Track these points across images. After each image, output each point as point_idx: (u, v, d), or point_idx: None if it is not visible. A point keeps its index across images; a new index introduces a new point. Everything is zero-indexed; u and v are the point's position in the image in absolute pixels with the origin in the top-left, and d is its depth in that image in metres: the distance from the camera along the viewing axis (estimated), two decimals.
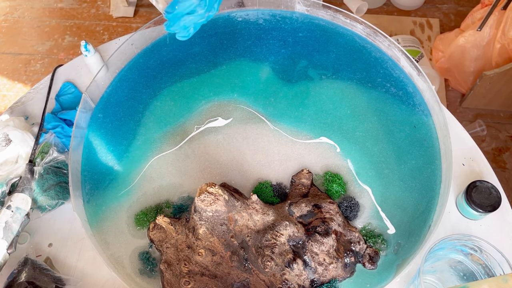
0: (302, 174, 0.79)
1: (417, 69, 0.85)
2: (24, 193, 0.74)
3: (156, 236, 0.73)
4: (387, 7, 1.95)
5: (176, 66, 0.91)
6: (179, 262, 0.69)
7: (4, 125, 0.82)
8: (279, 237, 0.69)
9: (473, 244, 0.65)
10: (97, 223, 0.77)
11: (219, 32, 0.94)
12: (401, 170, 0.79)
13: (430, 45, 1.81)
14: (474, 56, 1.55)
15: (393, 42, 0.88)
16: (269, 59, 0.91)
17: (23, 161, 0.79)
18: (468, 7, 1.92)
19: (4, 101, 1.81)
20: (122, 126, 0.85)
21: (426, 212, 0.75)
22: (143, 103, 0.88)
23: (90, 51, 0.89)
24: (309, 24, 0.95)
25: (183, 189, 0.79)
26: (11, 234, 0.71)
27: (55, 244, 0.78)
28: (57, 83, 0.95)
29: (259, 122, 0.85)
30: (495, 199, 0.74)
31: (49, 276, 0.72)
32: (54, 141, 0.82)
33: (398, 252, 0.72)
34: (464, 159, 0.83)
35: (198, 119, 0.85)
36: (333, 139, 0.82)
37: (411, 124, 0.83)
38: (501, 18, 1.44)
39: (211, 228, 0.69)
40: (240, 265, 0.69)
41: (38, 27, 2.00)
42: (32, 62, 1.90)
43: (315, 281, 0.69)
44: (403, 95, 0.86)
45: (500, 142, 1.63)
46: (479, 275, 0.68)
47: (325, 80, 0.88)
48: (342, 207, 0.75)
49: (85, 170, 0.81)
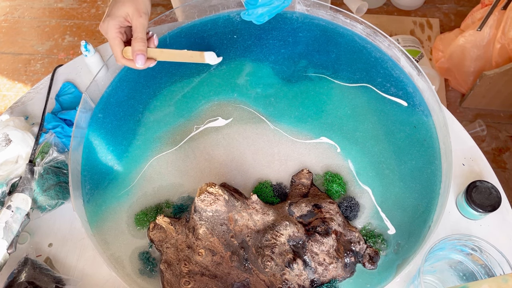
0: (302, 174, 0.79)
1: (417, 69, 0.85)
2: (24, 193, 0.74)
3: (156, 236, 0.73)
4: (387, 7, 1.95)
5: (176, 66, 0.91)
6: (179, 262, 0.69)
7: (4, 125, 0.82)
8: (279, 237, 0.69)
9: (473, 244, 0.65)
10: (97, 223, 0.77)
11: (219, 32, 0.94)
12: (401, 170, 0.79)
13: (430, 45, 1.81)
14: (474, 56, 1.55)
15: (393, 42, 0.88)
16: (269, 59, 0.91)
17: (23, 161, 0.79)
18: (468, 7, 1.92)
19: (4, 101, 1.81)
20: (122, 126, 0.85)
21: (426, 212, 0.75)
22: (143, 103, 0.88)
23: (90, 51, 0.89)
24: (309, 24, 0.95)
25: (183, 189, 0.79)
26: (11, 234, 0.71)
27: (55, 244, 0.78)
28: (57, 83, 0.95)
29: (259, 122, 0.85)
30: (495, 199, 0.74)
31: (49, 276, 0.72)
32: (54, 141, 0.82)
33: (398, 252, 0.72)
34: (464, 159, 0.83)
35: (198, 119, 0.85)
36: (333, 139, 0.82)
37: (411, 124, 0.83)
38: (501, 18, 1.44)
39: (211, 228, 0.69)
40: (240, 265, 0.69)
41: (38, 27, 2.00)
42: (32, 62, 1.90)
43: (315, 281, 0.69)
44: (403, 95, 0.86)
45: (500, 142, 1.63)
46: (479, 275, 0.68)
47: (325, 80, 0.88)
48: (342, 207, 0.75)
49: (85, 170, 0.81)
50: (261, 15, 0.77)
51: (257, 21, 0.78)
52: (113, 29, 0.72)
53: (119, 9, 0.71)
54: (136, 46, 0.71)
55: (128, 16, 0.72)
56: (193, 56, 0.76)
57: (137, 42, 0.71)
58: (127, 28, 0.74)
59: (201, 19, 0.96)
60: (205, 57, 0.76)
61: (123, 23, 0.72)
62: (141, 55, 0.71)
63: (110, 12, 0.72)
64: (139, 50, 0.71)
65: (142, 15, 0.72)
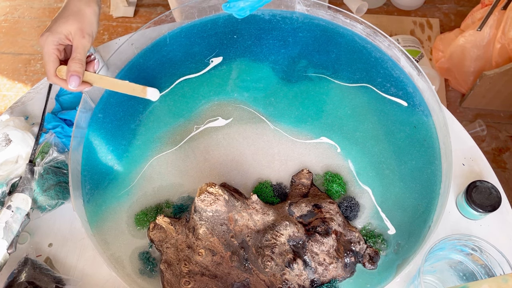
0: (302, 174, 0.79)
1: (417, 69, 0.85)
2: (24, 193, 0.74)
3: (156, 236, 0.73)
4: (387, 7, 1.95)
5: (176, 66, 0.91)
6: (179, 262, 0.69)
7: (4, 125, 0.82)
8: (279, 237, 0.69)
9: (473, 244, 0.65)
10: (97, 223, 0.77)
11: (219, 32, 0.94)
12: (401, 170, 0.79)
13: (430, 45, 1.81)
14: (474, 56, 1.55)
15: (393, 42, 0.88)
16: (269, 59, 0.91)
17: (23, 161, 0.79)
18: (468, 7, 1.92)
19: (4, 101, 1.81)
20: (122, 126, 0.85)
21: (426, 212, 0.75)
22: (143, 103, 0.88)
23: (90, 51, 0.89)
24: (309, 24, 0.95)
25: (183, 189, 0.79)
26: (11, 234, 0.71)
27: (55, 244, 0.78)
28: None
29: (259, 122, 0.85)
30: (495, 199, 0.74)
31: (49, 276, 0.72)
32: (54, 141, 0.82)
33: (398, 252, 0.72)
34: (464, 159, 0.83)
35: (198, 119, 0.85)
36: (333, 139, 0.82)
37: (411, 124, 0.83)
38: (501, 18, 1.44)
39: (211, 228, 0.69)
40: (240, 265, 0.69)
41: (38, 27, 2.00)
42: (32, 62, 1.90)
43: (315, 281, 0.69)
44: (403, 95, 0.86)
45: (500, 142, 1.63)
46: (479, 275, 0.68)
47: (325, 80, 0.88)
48: (342, 207, 0.75)
49: (85, 170, 0.81)
50: (243, 9, 0.73)
51: (238, 14, 0.74)
52: (51, 44, 0.68)
53: (61, 26, 0.68)
54: (72, 66, 0.68)
55: (70, 34, 0.69)
56: (135, 89, 0.71)
57: (74, 62, 0.68)
58: (68, 46, 0.71)
59: (201, 19, 0.96)
60: (147, 92, 0.71)
61: (63, 41, 0.69)
62: (75, 76, 0.68)
63: (51, 26, 0.69)
64: (75, 71, 0.68)
65: (85, 36, 0.69)
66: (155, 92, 0.71)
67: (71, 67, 0.68)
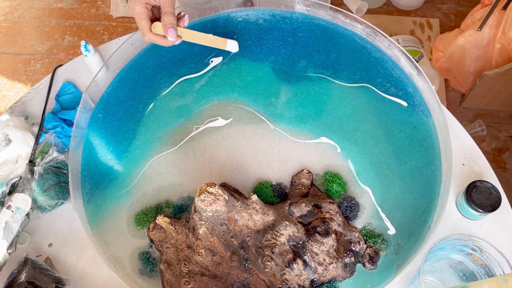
0: (302, 174, 0.79)
1: (417, 69, 0.85)
2: (24, 193, 0.74)
3: (156, 236, 0.73)
4: (387, 7, 1.95)
5: (176, 66, 0.91)
6: (179, 262, 0.69)
7: (4, 125, 0.82)
8: (279, 237, 0.69)
9: (473, 244, 0.65)
10: (97, 223, 0.77)
11: (219, 32, 0.94)
12: (401, 170, 0.79)
13: (430, 45, 1.81)
14: (474, 56, 1.55)
15: (393, 42, 0.88)
16: (269, 59, 0.91)
17: (23, 161, 0.79)
18: (468, 7, 1.92)
19: (4, 101, 1.81)
20: (122, 126, 0.85)
21: (426, 212, 0.75)
22: (143, 103, 0.88)
23: (90, 51, 0.89)
24: (309, 24, 0.95)
25: (183, 189, 0.79)
26: (11, 234, 0.71)
27: (55, 244, 0.78)
28: (57, 83, 0.95)
29: (259, 122, 0.85)
30: (495, 199, 0.74)
31: (49, 276, 0.72)
32: (54, 141, 0.82)
33: (398, 252, 0.72)
34: (464, 159, 0.83)
35: (198, 119, 0.85)
36: (333, 139, 0.82)
37: (411, 124, 0.83)
38: (501, 18, 1.44)
39: (211, 228, 0.69)
40: (240, 265, 0.69)
41: (38, 27, 2.00)
42: (32, 62, 1.90)
43: (315, 281, 0.69)
44: (403, 95, 0.86)
45: (500, 142, 1.63)
46: (479, 275, 0.68)
47: (325, 80, 0.88)
48: (342, 207, 0.75)
49: (85, 170, 0.81)
50: None
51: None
52: (141, 4, 0.71)
53: None
54: (167, 20, 0.71)
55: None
56: (216, 41, 0.75)
57: (168, 16, 0.70)
58: (154, 8, 0.74)
59: (201, 19, 0.96)
60: (227, 44, 0.75)
61: (150, 1, 0.72)
62: (172, 28, 0.71)
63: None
64: (170, 23, 0.70)
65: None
66: (234, 44, 0.75)
67: (166, 21, 0.71)
